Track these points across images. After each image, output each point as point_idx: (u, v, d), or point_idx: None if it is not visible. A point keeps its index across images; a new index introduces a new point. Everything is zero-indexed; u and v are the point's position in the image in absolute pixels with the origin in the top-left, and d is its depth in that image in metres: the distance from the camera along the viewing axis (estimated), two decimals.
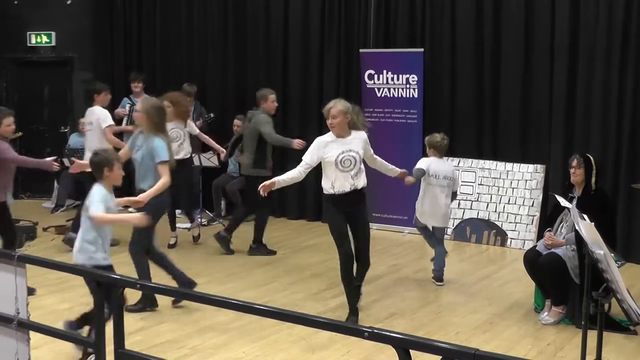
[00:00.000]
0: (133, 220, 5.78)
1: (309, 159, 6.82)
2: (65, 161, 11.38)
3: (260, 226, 9.55)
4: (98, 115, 9.47)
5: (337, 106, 6.84)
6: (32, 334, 4.72)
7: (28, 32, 13.48)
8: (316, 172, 7.08)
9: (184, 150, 9.65)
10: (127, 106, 11.99)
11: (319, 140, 6.86)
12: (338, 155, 6.74)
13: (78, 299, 7.09)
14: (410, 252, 9.84)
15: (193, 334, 6.53)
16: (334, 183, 6.78)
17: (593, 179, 7.01)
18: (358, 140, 6.86)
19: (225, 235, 9.49)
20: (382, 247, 10.04)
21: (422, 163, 8.19)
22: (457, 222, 10.49)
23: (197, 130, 10.16)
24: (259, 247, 9.50)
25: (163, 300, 7.06)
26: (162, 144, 6.90)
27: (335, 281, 8.16)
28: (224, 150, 10.30)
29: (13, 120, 7.55)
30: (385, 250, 9.93)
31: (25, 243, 9.68)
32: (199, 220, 10.85)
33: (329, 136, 6.86)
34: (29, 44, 13.53)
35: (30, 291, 7.40)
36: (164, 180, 6.75)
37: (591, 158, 7.08)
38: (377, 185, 9.90)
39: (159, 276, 7.07)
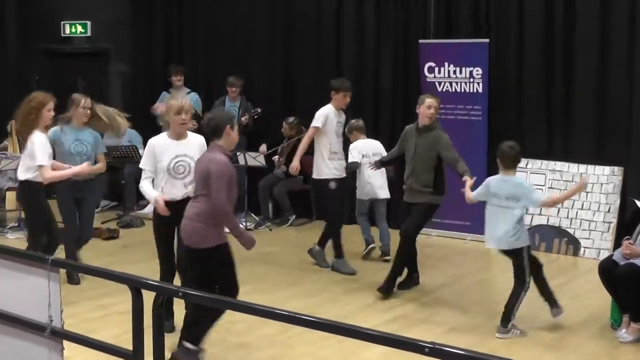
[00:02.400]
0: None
1: None
2: None
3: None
4: None
5: None
6: (65, 343, 4.79)
7: (62, 22, 13.70)
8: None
9: None
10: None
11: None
12: None
13: (114, 306, 7.20)
14: (473, 261, 9.79)
15: (235, 347, 6.58)
16: None
17: None
18: None
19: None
20: (441, 255, 10.02)
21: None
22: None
23: None
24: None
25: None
26: None
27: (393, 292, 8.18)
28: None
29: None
30: (446, 259, 9.90)
31: (57, 246, 9.83)
32: (244, 224, 10.92)
33: None
34: (62, 34, 13.75)
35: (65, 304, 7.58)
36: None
37: None
38: None
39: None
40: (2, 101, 13.76)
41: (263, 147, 11.76)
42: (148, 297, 4.12)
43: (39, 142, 7.40)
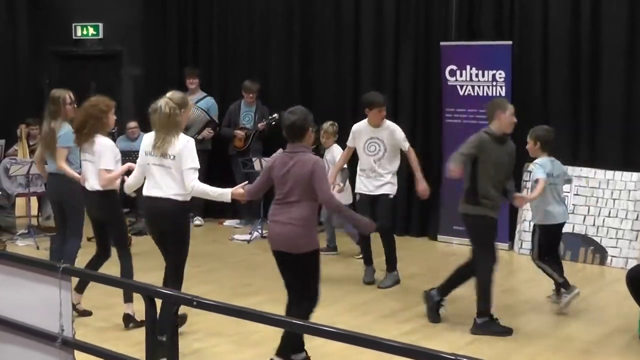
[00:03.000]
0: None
1: None
2: None
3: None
4: None
5: None
6: (77, 353, 4.80)
7: (73, 24, 13.78)
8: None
9: None
10: None
11: None
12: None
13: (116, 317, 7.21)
14: (500, 271, 9.71)
15: (253, 358, 6.57)
16: None
17: None
18: None
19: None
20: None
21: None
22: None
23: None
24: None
25: (217, 318, 7.09)
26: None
27: (412, 301, 8.15)
28: None
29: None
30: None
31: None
32: (259, 231, 10.93)
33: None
34: (74, 37, 13.84)
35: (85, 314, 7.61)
36: None
37: None
38: (457, 195, 9.83)
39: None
40: (12, 105, 13.83)
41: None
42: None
43: (111, 146, 7.38)
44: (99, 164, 7.24)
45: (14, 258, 5.02)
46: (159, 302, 4.22)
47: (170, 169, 6.48)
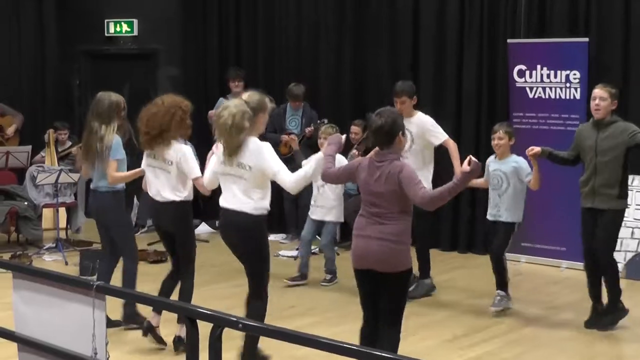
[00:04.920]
0: None
1: None
2: None
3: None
4: None
5: None
6: None
7: (105, 20, 13.90)
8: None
9: None
10: None
11: None
12: None
13: (166, 337, 7.24)
14: (569, 293, 9.64)
15: None
16: None
17: None
18: None
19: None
20: (533, 286, 9.93)
21: None
22: (630, 255, 10.22)
23: None
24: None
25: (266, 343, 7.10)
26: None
27: (475, 326, 8.10)
28: None
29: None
30: (538, 289, 9.80)
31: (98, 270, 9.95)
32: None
33: None
34: (106, 34, 13.97)
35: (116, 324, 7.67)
36: None
37: None
38: (525, 210, 9.78)
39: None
40: (40, 108, 14.00)
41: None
42: (204, 328, 4.12)
43: (190, 153, 7.37)
44: (188, 173, 7.21)
45: (42, 274, 5.06)
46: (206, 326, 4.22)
47: (247, 180, 6.51)
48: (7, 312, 5.44)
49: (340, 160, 7.92)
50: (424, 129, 9.06)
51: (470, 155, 5.93)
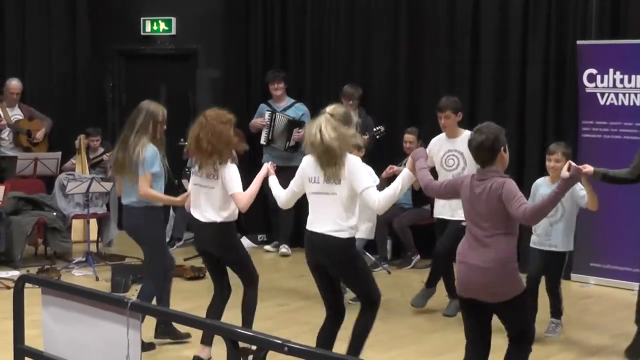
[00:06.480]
0: None
1: None
2: (185, 184, 11.69)
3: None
4: None
5: None
6: None
7: (141, 18, 13.98)
8: None
9: None
10: (267, 114, 12.19)
11: None
12: None
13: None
14: None
15: None
16: None
17: None
18: None
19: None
20: (602, 309, 9.84)
21: None
22: None
23: None
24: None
25: None
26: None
27: (540, 356, 8.02)
28: None
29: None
30: (608, 314, 9.69)
31: (131, 286, 9.98)
32: None
33: None
34: (142, 33, 14.06)
35: (148, 347, 7.67)
36: None
37: None
38: (594, 228, 9.72)
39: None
40: (70, 112, 14.07)
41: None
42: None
43: (235, 170, 7.42)
44: (229, 188, 7.26)
45: (73, 290, 5.08)
46: None
47: (336, 196, 6.59)
48: (36, 330, 5.47)
49: (371, 172, 8.00)
50: None
51: (570, 161, 5.98)
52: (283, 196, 7.04)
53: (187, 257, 11.56)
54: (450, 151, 9.06)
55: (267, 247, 12.71)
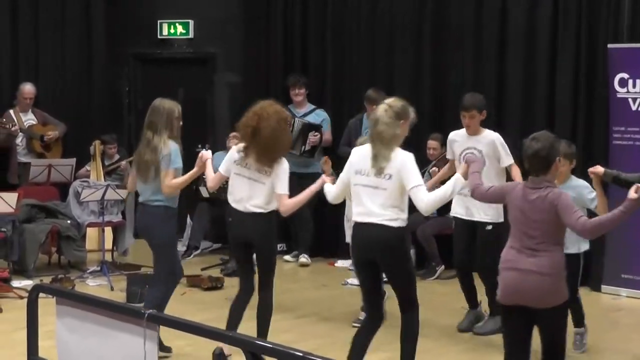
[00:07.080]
0: None
1: None
2: (203, 190, 11.70)
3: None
4: None
5: None
6: None
7: (158, 21, 14.01)
8: None
9: None
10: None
11: None
12: None
13: None
14: None
15: None
16: None
17: None
18: None
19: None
20: (634, 322, 9.80)
21: None
22: None
23: None
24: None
25: None
26: None
27: None
28: None
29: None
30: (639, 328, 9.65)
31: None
32: None
33: None
34: (159, 36, 14.10)
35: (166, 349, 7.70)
36: None
37: None
38: (626, 238, 9.68)
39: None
40: (85, 117, 14.09)
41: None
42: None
43: (286, 170, 7.58)
44: (277, 187, 7.43)
45: (89, 300, 5.08)
46: None
47: (385, 190, 6.71)
48: (50, 341, 5.47)
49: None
50: (493, 148, 8.93)
51: (638, 184, 5.94)
52: (333, 190, 7.20)
53: (204, 266, 11.56)
54: (469, 148, 9.01)
55: (287, 256, 12.69)
